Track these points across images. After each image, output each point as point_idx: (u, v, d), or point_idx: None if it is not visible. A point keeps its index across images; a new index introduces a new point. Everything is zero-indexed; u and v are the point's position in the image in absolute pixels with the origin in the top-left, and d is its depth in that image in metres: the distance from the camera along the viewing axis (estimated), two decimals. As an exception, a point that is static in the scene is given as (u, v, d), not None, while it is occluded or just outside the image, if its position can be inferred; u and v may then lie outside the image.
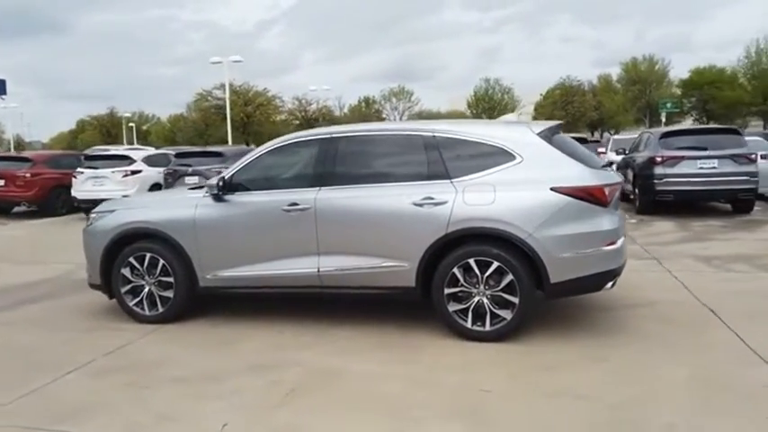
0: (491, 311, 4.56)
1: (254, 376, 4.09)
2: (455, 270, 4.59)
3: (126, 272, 5.39)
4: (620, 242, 4.61)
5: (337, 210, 4.86)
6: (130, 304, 5.41)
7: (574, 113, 57.62)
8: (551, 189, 4.46)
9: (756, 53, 55.07)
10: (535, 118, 52.83)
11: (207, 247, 5.15)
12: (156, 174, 15.02)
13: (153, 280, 5.35)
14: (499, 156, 4.66)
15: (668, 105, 54.96)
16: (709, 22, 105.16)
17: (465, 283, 4.59)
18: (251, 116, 40.96)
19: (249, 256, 5.09)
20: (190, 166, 13.67)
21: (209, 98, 42.68)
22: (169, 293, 5.31)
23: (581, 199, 4.45)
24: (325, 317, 5.28)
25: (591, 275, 4.50)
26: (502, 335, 4.56)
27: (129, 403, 3.74)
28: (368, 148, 5.07)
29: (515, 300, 4.49)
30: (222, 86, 39.79)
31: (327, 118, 51.12)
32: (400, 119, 78.23)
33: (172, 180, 13.72)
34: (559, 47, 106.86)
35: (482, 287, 4.57)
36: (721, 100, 55.61)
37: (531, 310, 4.59)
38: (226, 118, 37.42)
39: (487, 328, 4.57)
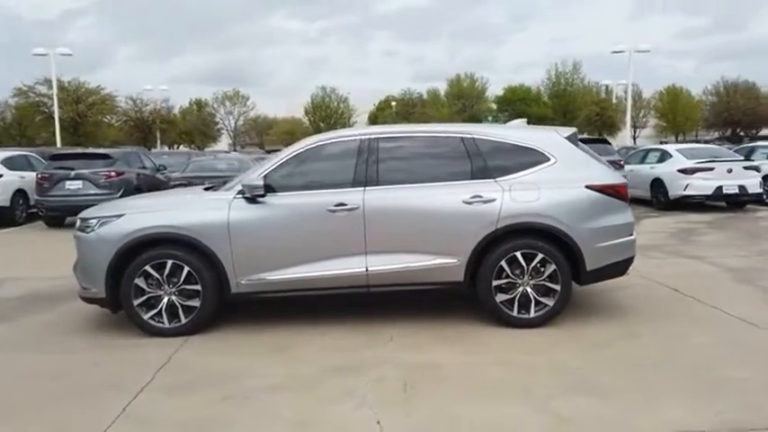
0: (535, 299, 4.98)
1: (349, 377, 4.06)
2: (503, 263, 4.94)
3: (140, 282, 4.91)
4: (635, 233, 5.30)
5: (388, 209, 4.95)
6: (146, 317, 4.94)
7: (416, 123, 60.77)
8: (586, 186, 5.02)
9: (556, 75, 62.99)
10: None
11: (243, 251, 4.90)
12: (17, 179, 13.30)
13: (174, 289, 4.94)
14: (535, 157, 5.11)
15: (489, 118, 60.61)
16: (506, 45, 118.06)
17: (511, 275, 4.96)
18: (83, 116, 36.97)
19: (291, 258, 4.95)
20: (71, 169, 12.33)
21: (31, 94, 37.70)
22: (194, 302, 4.95)
23: (610, 195, 5.07)
24: (358, 316, 5.31)
25: (617, 262, 5.14)
26: (545, 320, 5.01)
27: (252, 416, 3.52)
28: (408, 148, 5.22)
29: (557, 287, 4.97)
30: (46, 81, 35.51)
31: (166, 120, 47.96)
32: (235, 124, 76.22)
33: (49, 185, 12.28)
34: (381, 60, 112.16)
35: (526, 278, 4.98)
36: (531, 115, 62.56)
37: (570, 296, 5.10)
38: (51, 117, 33.56)
39: (531, 315, 4.99)
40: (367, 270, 4.95)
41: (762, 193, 13.16)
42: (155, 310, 4.95)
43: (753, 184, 12.72)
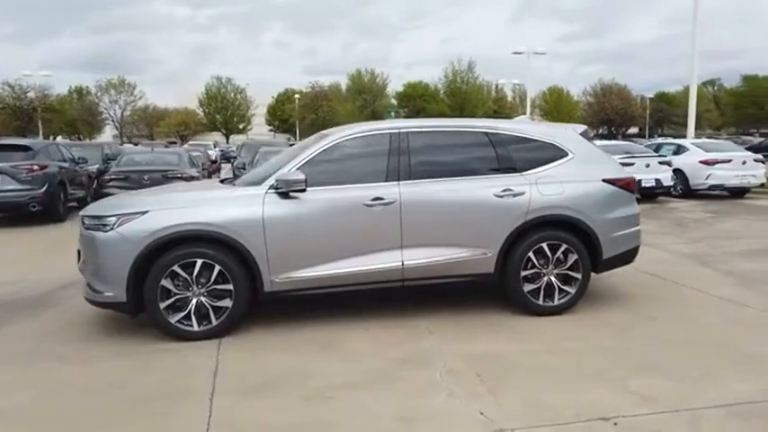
0: (558, 288, 5.24)
1: (419, 370, 4.07)
2: (530, 254, 5.15)
3: (167, 283, 4.60)
4: (640, 223, 5.71)
5: (424, 203, 4.98)
6: (173, 320, 4.63)
7: (324, 117, 60.49)
8: (603, 180, 5.34)
9: (453, 74, 65.23)
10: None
11: (278, 248, 4.73)
12: None
13: (204, 289, 4.68)
14: (555, 152, 5.36)
15: (392, 114, 61.64)
16: (400, 43, 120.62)
17: (537, 265, 5.18)
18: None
19: (327, 254, 4.85)
20: (-16, 162, 11.10)
21: None
22: (225, 303, 4.71)
23: (622, 188, 5.43)
24: (384, 310, 5.31)
25: (628, 251, 5.52)
26: (567, 308, 5.28)
27: (348, 415, 3.44)
28: (437, 142, 5.26)
29: (578, 276, 5.26)
30: None
31: (50, 109, 44.02)
32: (122, 113, 71.70)
33: (-41, 179, 10.97)
34: (274, 51, 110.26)
35: (551, 267, 5.22)
36: (429, 111, 64.37)
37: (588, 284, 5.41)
38: None
39: (555, 302, 5.24)
40: (403, 264, 4.96)
41: (671, 186, 14.50)
42: (182, 313, 4.66)
43: (666, 177, 14.03)
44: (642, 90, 76.93)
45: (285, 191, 4.76)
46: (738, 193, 15.06)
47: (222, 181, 5.40)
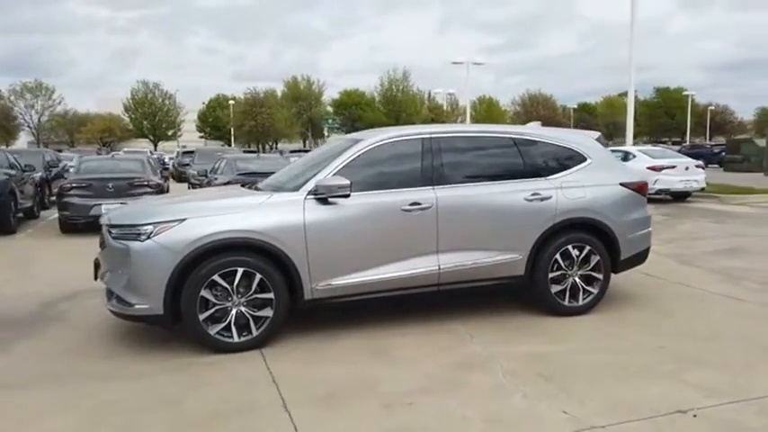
0: (582, 288, 5.41)
1: (481, 374, 4.09)
2: (557, 256, 5.29)
3: (206, 293, 4.41)
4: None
5: (459, 207, 5.02)
6: (212, 332, 4.44)
7: (263, 123, 59.35)
8: (620, 184, 5.56)
9: (388, 82, 65.93)
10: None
11: (319, 255, 4.64)
12: None
13: (244, 299, 4.51)
14: (576, 157, 5.54)
15: (329, 122, 61.48)
16: (328, 51, 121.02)
17: (563, 267, 5.33)
18: None
19: (366, 260, 4.80)
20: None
21: None
22: (266, 312, 4.57)
23: (636, 191, 5.67)
24: (413, 314, 5.31)
25: (641, 251, 5.77)
26: (590, 308, 5.45)
27: (436, 420, 3.42)
28: (466, 148, 5.31)
29: (600, 276, 5.45)
30: None
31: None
32: (39, 119, 67.79)
33: None
34: (201, 57, 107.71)
35: (575, 268, 5.38)
36: (366, 119, 64.68)
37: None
38: None
39: (580, 303, 5.41)
40: (439, 268, 4.98)
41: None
42: (222, 324, 4.47)
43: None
44: (560, 101, 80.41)
45: (326, 196, 4.67)
46: (681, 196, 16.02)
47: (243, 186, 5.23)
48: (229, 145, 59.63)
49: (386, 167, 5.07)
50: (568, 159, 5.53)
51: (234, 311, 4.50)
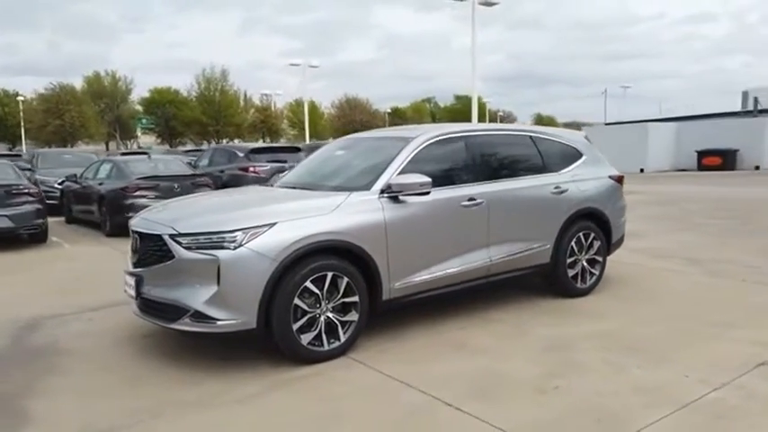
0: (589, 271, 6.00)
1: (573, 353, 4.36)
2: (572, 243, 5.81)
3: (299, 302, 4.11)
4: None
5: (505, 201, 5.27)
6: (305, 342, 4.15)
7: (72, 122, 52.51)
8: (609, 177, 6.26)
9: (205, 81, 63.17)
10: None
11: (397, 254, 4.56)
12: None
13: (331, 304, 4.28)
14: (575, 153, 6.12)
15: (143, 121, 57.04)
16: (120, 45, 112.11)
17: (576, 252, 5.87)
18: None
19: (434, 256, 4.83)
20: None
21: None
22: (351, 317, 4.38)
23: (619, 182, 6.42)
24: (443, 308, 5.43)
25: (623, 235, 6.53)
26: (593, 288, 6.05)
27: (598, 394, 3.64)
28: (499, 144, 5.57)
29: (601, 259, 6.09)
30: None
31: None
32: None
33: None
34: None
35: (584, 253, 5.95)
36: (182, 118, 61.27)
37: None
38: None
39: (587, 284, 5.99)
40: (490, 260, 5.18)
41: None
42: (312, 333, 4.19)
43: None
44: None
45: (404, 194, 4.60)
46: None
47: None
48: (13, 146, 52.14)
49: (439, 165, 5.10)
50: (570, 155, 6.09)
51: (322, 318, 4.25)
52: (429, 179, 4.63)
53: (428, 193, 4.67)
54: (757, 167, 25.95)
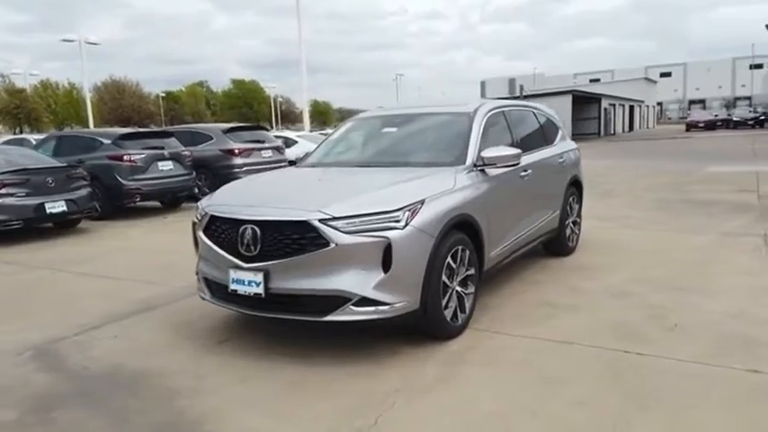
0: (574, 232, 6.76)
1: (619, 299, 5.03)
2: (567, 207, 6.50)
3: (444, 278, 4.07)
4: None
5: (542, 171, 5.72)
6: (449, 318, 4.13)
7: None
8: (574, 148, 7.07)
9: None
10: None
11: (494, 225, 4.70)
12: None
13: (459, 278, 4.30)
14: (557, 128, 6.79)
15: None
16: None
17: (569, 214, 6.57)
18: None
19: (508, 226, 5.07)
20: None
21: None
22: (471, 289, 4.43)
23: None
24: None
25: (579, 197, 7.43)
26: (575, 248, 6.82)
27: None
28: (520, 118, 5.91)
29: (579, 220, 6.90)
30: None
31: None
32: None
33: None
34: None
35: (573, 216, 6.69)
36: None
37: (579, 226, 7.04)
38: None
39: (574, 243, 6.74)
40: (532, 228, 5.58)
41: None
42: (451, 308, 4.17)
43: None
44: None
45: (485, 167, 4.72)
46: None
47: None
48: None
49: (496, 137, 5.28)
50: (555, 129, 6.74)
51: (454, 293, 4.24)
52: (519, 151, 4.84)
53: (518, 164, 4.88)
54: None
